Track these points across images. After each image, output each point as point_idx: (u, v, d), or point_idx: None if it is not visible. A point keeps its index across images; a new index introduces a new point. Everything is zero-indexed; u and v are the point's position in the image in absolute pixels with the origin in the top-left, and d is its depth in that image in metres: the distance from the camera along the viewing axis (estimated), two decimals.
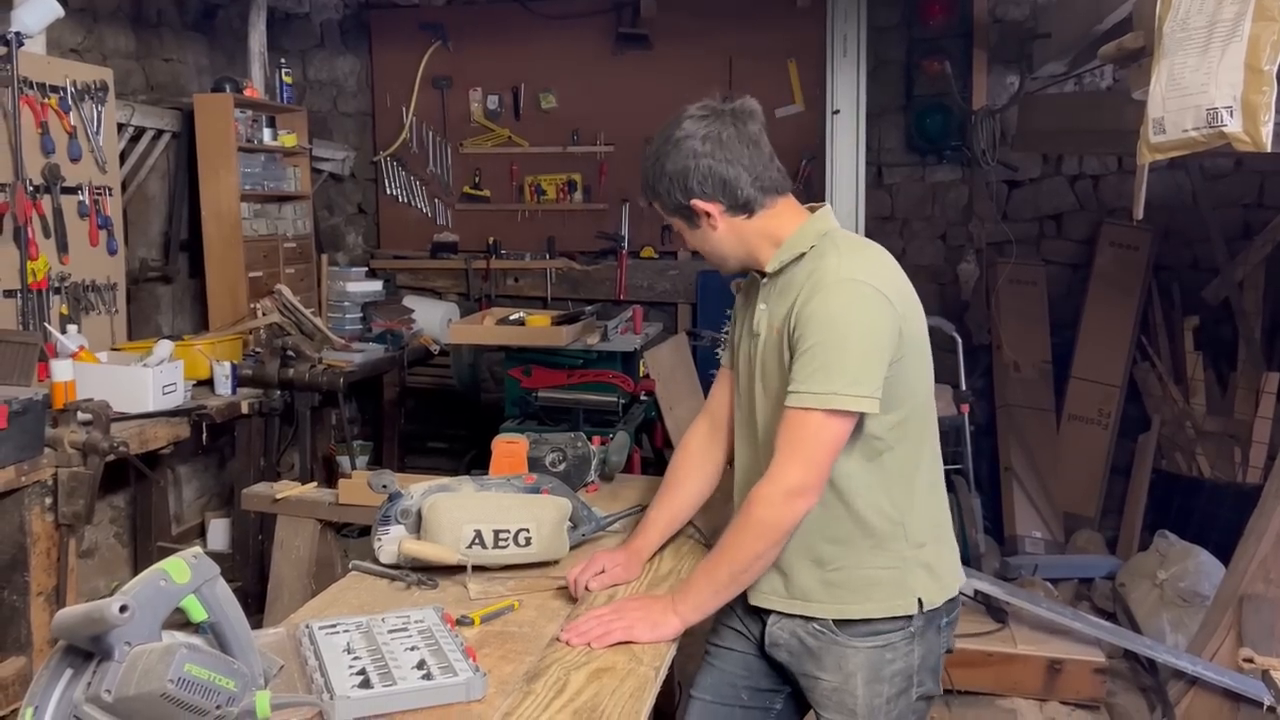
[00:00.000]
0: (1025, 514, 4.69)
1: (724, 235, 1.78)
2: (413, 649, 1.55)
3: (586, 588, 1.87)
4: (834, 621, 1.74)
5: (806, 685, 1.80)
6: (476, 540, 1.91)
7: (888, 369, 1.63)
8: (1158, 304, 4.84)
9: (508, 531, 1.92)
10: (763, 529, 1.67)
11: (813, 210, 1.81)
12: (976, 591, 3.57)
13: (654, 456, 4.52)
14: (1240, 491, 4.27)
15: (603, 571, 1.90)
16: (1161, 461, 4.66)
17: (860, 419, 1.64)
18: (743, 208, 1.75)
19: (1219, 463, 4.49)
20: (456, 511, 1.92)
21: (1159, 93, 2.05)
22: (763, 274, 1.81)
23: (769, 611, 1.81)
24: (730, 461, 1.97)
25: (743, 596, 1.81)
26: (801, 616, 1.76)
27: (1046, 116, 4.59)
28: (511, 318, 4.18)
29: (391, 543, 1.96)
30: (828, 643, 1.74)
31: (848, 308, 1.62)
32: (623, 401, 3.96)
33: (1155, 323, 4.83)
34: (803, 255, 1.72)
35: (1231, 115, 1.87)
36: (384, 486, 2.01)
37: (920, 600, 1.73)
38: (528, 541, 1.94)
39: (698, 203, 1.75)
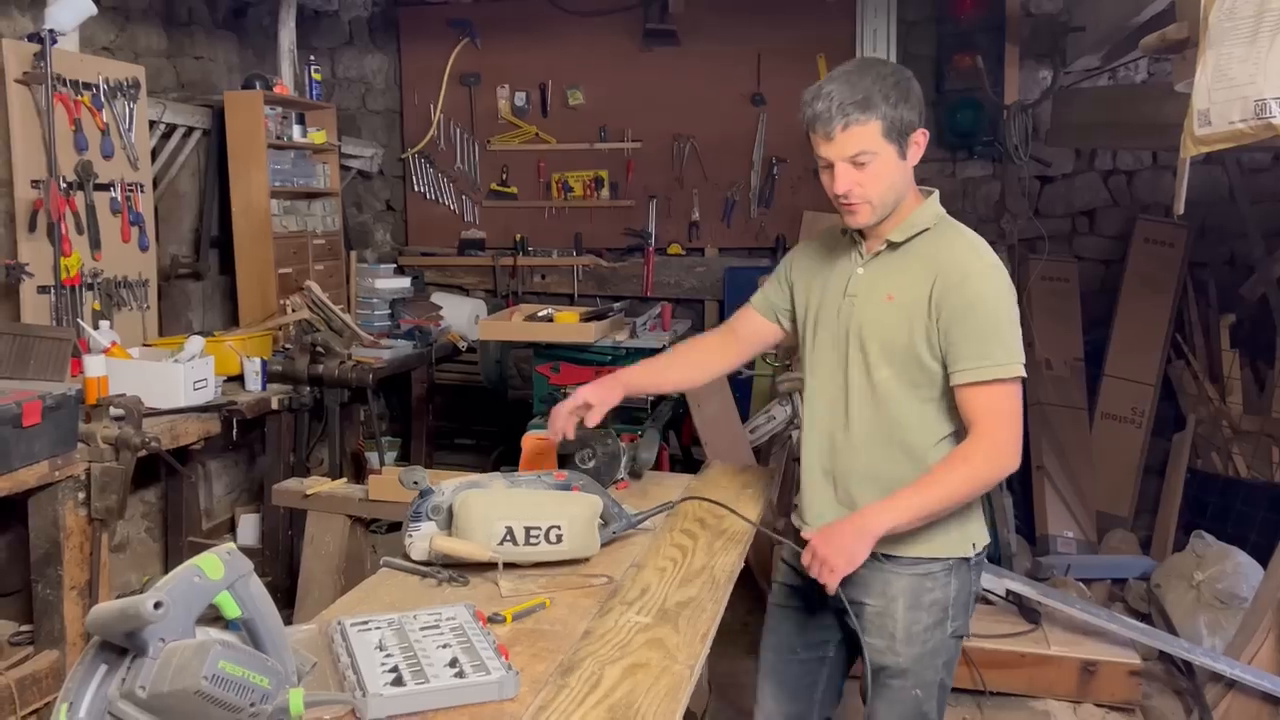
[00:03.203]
0: (1057, 513, 4.63)
1: (908, 171, 1.89)
2: (445, 646, 1.54)
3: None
4: (881, 553, 1.91)
5: (854, 612, 1.96)
6: (508, 537, 1.90)
7: None
8: (1193, 301, 4.77)
9: (539, 528, 1.91)
10: (974, 481, 1.85)
11: (927, 194, 1.97)
12: (1009, 591, 3.53)
13: (682, 454, 4.51)
14: (1278, 492, 4.20)
15: (584, 406, 2.17)
16: (1197, 461, 4.59)
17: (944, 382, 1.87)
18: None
19: (1256, 462, 4.41)
20: (488, 508, 1.91)
21: (1204, 84, 2.01)
22: (855, 233, 1.97)
23: None
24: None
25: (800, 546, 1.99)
26: None
27: (1081, 111, 4.53)
28: (539, 314, 4.17)
29: (423, 539, 1.95)
30: (875, 570, 1.92)
31: (1005, 290, 1.85)
32: (651, 399, 3.95)
33: (1191, 320, 4.76)
34: (922, 231, 1.91)
35: None
36: (415, 483, 2.00)
37: (974, 544, 1.95)
38: (559, 539, 1.93)
39: (922, 130, 1.87)
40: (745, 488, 2.56)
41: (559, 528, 1.93)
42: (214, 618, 1.34)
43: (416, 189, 5.83)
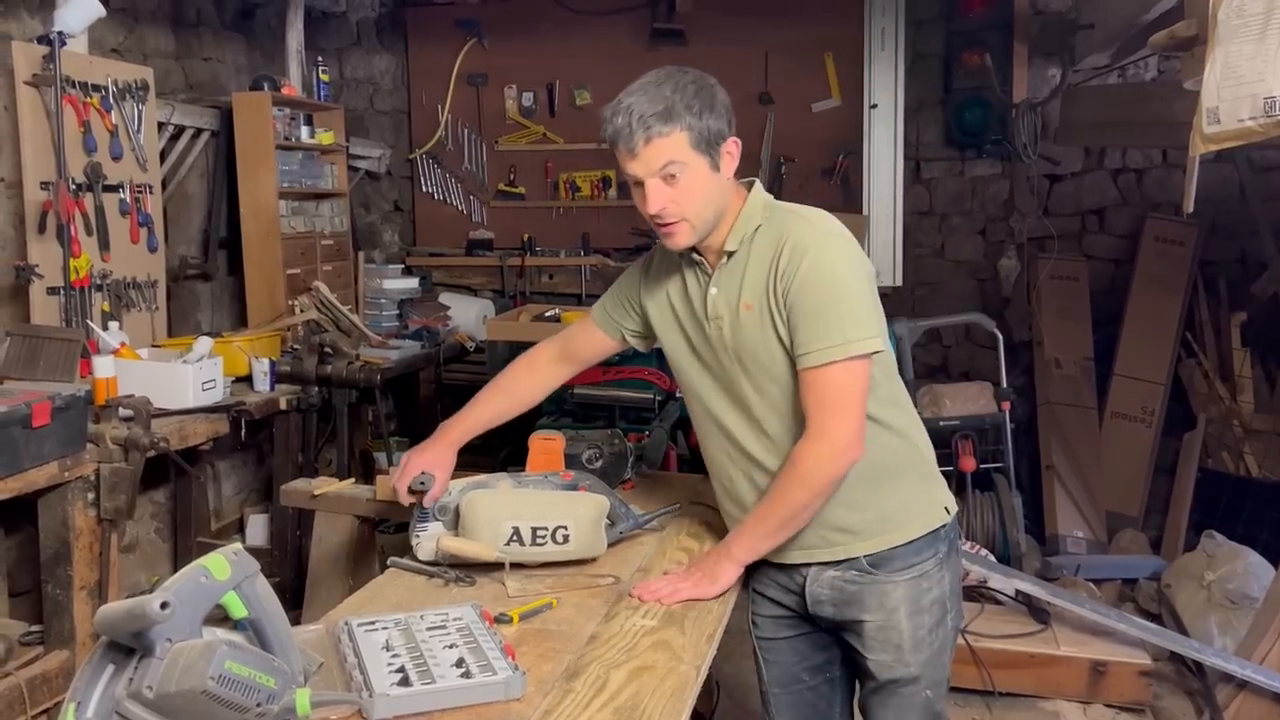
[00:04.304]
0: (1067, 513, 4.61)
1: (724, 182, 1.79)
2: (451, 647, 1.54)
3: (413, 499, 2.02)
4: (867, 560, 1.83)
5: (854, 631, 1.89)
6: (515, 537, 1.89)
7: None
8: (1204, 300, 4.75)
9: (546, 529, 1.91)
10: (811, 481, 1.74)
11: (748, 186, 1.86)
12: (1018, 591, 3.52)
13: (689, 454, 4.49)
14: None
15: (422, 479, 2.01)
16: (1207, 460, 4.57)
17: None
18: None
19: (1267, 461, 4.40)
20: (494, 508, 1.91)
21: (1213, 82, 2.00)
22: (693, 255, 1.86)
23: (802, 575, 1.89)
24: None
25: (776, 576, 1.94)
26: (838, 563, 1.85)
27: (1090, 109, 4.52)
28: (547, 314, 4.17)
29: (430, 539, 1.95)
30: (867, 583, 1.84)
31: (839, 259, 1.73)
32: (658, 398, 3.93)
33: (1201, 319, 4.74)
34: (756, 229, 1.81)
35: None
36: (422, 484, 2.00)
37: (946, 507, 1.88)
38: (565, 539, 1.92)
39: (734, 139, 1.77)
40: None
41: (566, 528, 1.92)
42: (221, 618, 1.34)
43: (424, 189, 5.84)
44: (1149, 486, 4.75)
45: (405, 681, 1.44)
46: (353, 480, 3.09)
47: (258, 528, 4.52)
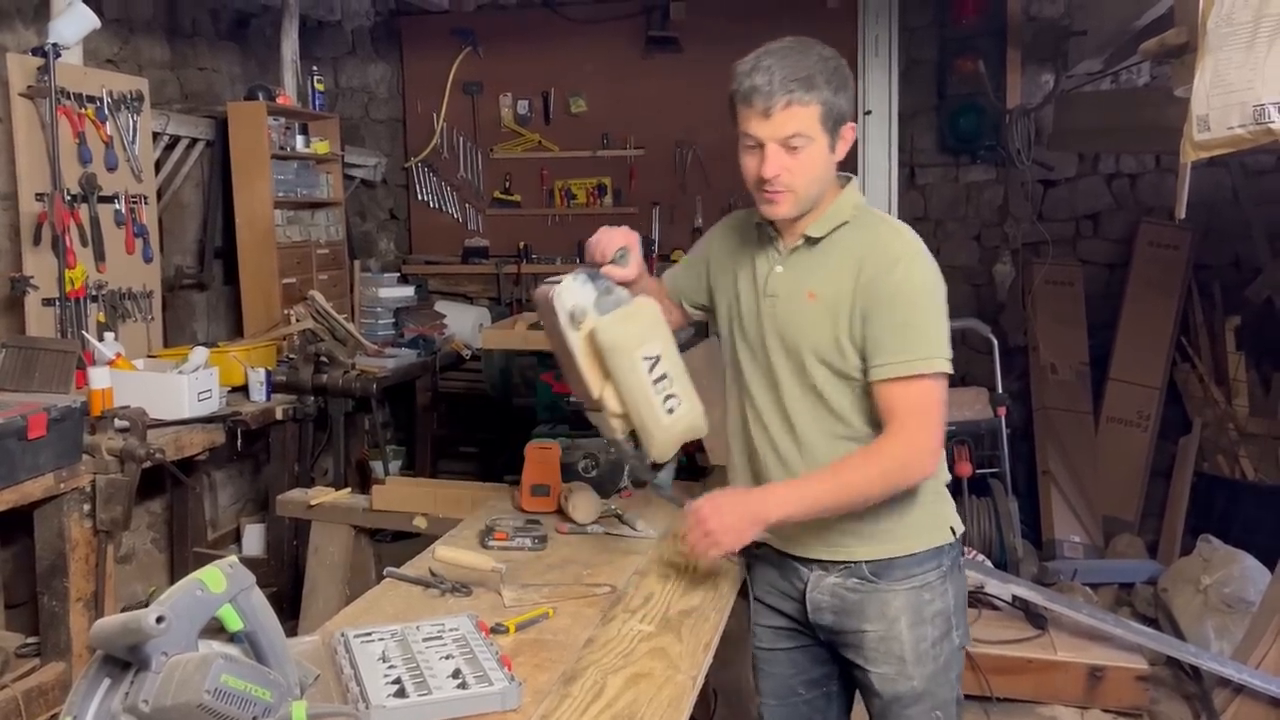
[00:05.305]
0: (1063, 518, 4.62)
1: (833, 165, 1.78)
2: (448, 657, 1.54)
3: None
4: (869, 568, 1.81)
5: (855, 643, 1.85)
6: (652, 362, 1.75)
7: None
8: (1198, 304, 4.76)
9: (671, 385, 1.75)
10: (888, 483, 1.72)
11: (844, 181, 1.85)
12: (1015, 596, 3.53)
13: (687, 460, 4.49)
14: None
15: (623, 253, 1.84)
16: (1203, 464, 4.58)
17: None
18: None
19: (1263, 465, 4.40)
20: (660, 326, 1.79)
21: (1203, 90, 2.01)
22: (769, 226, 1.83)
23: (803, 579, 1.87)
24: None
25: (777, 582, 1.93)
26: (839, 566, 1.83)
27: (1083, 114, 4.54)
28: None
29: (574, 293, 1.75)
30: (868, 592, 1.82)
31: (931, 278, 1.74)
32: None
33: (1196, 323, 4.75)
34: (842, 225, 1.79)
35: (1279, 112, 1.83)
36: (618, 259, 1.82)
37: (952, 528, 1.86)
38: (671, 410, 1.76)
39: (851, 125, 1.77)
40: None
41: (679, 402, 1.77)
42: (217, 630, 1.34)
43: (420, 198, 5.85)
44: (1145, 491, 4.76)
45: (401, 693, 1.44)
46: (349, 490, 3.10)
47: (254, 538, 4.51)
